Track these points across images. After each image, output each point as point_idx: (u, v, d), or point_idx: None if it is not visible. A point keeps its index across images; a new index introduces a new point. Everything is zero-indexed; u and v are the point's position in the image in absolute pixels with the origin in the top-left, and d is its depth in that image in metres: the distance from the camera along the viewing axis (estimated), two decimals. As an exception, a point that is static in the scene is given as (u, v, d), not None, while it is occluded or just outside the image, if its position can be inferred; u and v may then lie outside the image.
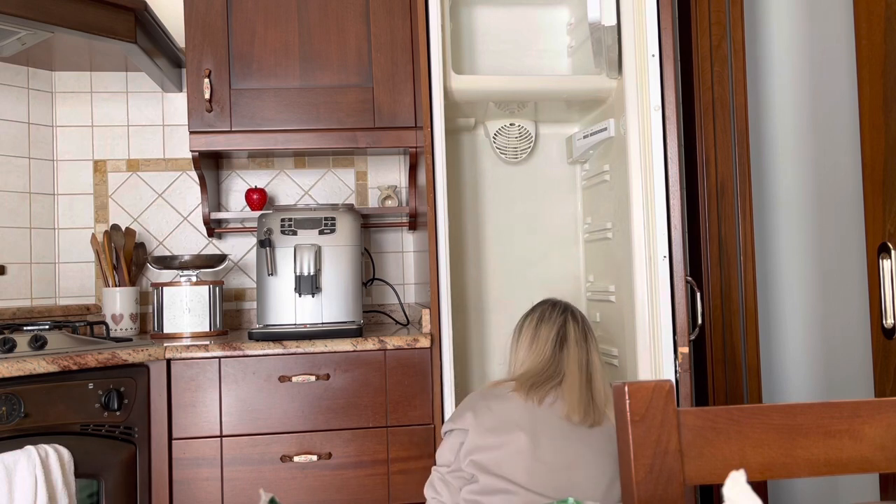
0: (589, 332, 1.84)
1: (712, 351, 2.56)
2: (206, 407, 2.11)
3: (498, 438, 1.65)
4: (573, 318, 1.84)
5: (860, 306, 2.10)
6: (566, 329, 1.82)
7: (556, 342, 1.80)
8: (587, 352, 1.80)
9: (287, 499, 2.10)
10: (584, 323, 1.86)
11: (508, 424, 1.67)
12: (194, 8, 2.41)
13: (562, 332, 1.81)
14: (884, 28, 1.53)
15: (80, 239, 2.74)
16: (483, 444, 1.66)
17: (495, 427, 1.67)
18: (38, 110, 2.69)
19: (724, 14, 2.55)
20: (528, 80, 2.40)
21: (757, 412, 0.90)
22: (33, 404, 1.85)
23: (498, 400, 1.72)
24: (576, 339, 1.80)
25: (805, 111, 2.36)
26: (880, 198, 1.55)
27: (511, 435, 1.65)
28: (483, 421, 1.68)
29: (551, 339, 1.80)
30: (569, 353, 1.79)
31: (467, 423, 1.70)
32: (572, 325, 1.82)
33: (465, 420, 1.71)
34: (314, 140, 2.44)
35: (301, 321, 2.29)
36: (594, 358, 1.81)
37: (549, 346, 1.79)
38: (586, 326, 1.85)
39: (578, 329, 1.82)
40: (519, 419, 1.68)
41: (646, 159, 2.06)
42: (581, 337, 1.81)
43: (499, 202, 2.70)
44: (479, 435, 1.67)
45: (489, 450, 1.65)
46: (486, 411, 1.70)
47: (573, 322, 1.83)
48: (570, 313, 1.86)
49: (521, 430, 1.65)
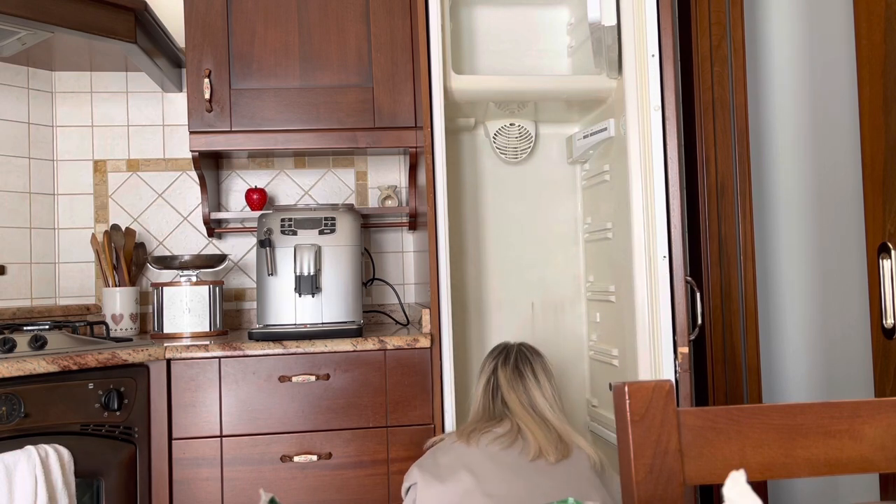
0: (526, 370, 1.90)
1: (712, 351, 2.56)
2: (206, 407, 2.11)
3: (443, 484, 1.71)
4: (504, 362, 1.92)
5: (860, 306, 2.10)
6: (496, 376, 1.91)
7: (489, 391, 1.91)
8: (525, 392, 1.87)
9: (287, 499, 2.10)
10: (520, 363, 1.91)
11: (452, 469, 1.73)
12: (194, 8, 2.41)
13: (491, 380, 1.92)
14: (884, 28, 1.53)
15: (80, 239, 2.74)
16: (432, 492, 1.72)
17: (440, 474, 1.73)
18: (38, 110, 2.69)
19: (724, 14, 2.55)
20: (528, 80, 2.40)
21: (757, 412, 0.90)
22: (33, 404, 1.85)
23: (442, 452, 1.81)
24: (508, 384, 1.89)
25: (805, 111, 2.36)
26: (880, 198, 1.55)
27: (455, 476, 1.71)
28: (429, 471, 1.75)
29: (482, 389, 1.93)
30: (506, 398, 1.87)
31: (415, 478, 1.78)
32: (501, 371, 1.91)
33: (413, 475, 1.79)
34: (314, 140, 2.44)
35: (301, 321, 2.29)
36: (535, 395, 1.86)
37: (481, 396, 1.92)
38: (522, 366, 1.90)
39: (509, 372, 1.90)
40: (461, 462, 1.74)
41: (646, 159, 2.06)
42: (513, 379, 1.88)
43: (499, 202, 2.70)
44: (427, 485, 1.73)
45: (438, 496, 1.71)
46: (431, 464, 1.78)
47: (503, 367, 1.91)
48: (504, 358, 1.93)
49: (465, 471, 1.71)
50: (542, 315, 2.69)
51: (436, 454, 1.81)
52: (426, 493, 1.72)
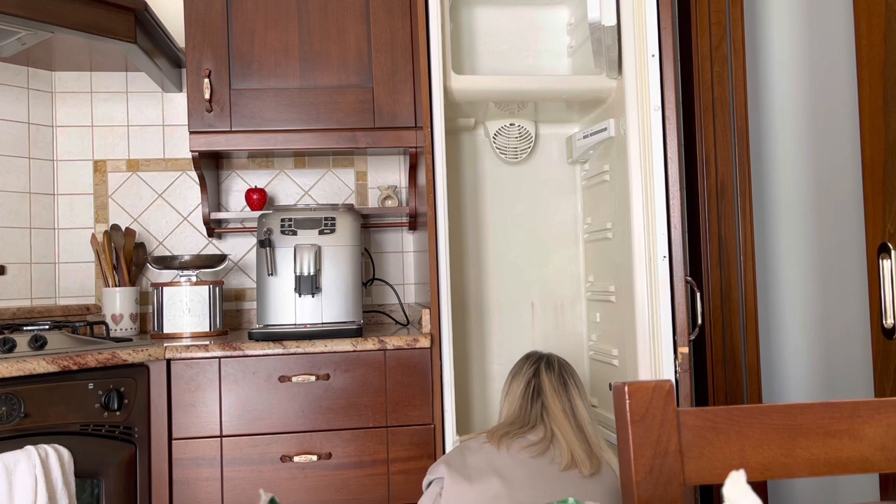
0: (570, 379, 1.86)
1: (712, 351, 2.56)
2: (206, 407, 2.11)
3: (472, 485, 1.68)
4: (548, 367, 1.88)
5: (860, 306, 2.10)
6: (539, 379, 1.86)
7: (528, 394, 1.85)
8: (569, 399, 1.83)
9: (287, 499, 2.10)
10: (564, 371, 1.88)
11: (481, 471, 1.70)
12: (194, 8, 2.41)
13: (534, 382, 1.86)
14: (884, 28, 1.53)
15: (80, 239, 2.74)
16: (458, 490, 1.69)
17: (469, 475, 1.70)
18: (38, 110, 2.69)
19: (724, 14, 2.55)
20: (528, 80, 2.40)
21: (757, 412, 0.90)
22: (33, 404, 1.85)
23: (472, 451, 1.76)
24: (553, 389, 1.84)
25: (805, 111, 2.36)
26: (880, 198, 1.55)
27: (485, 480, 1.67)
28: (457, 470, 1.72)
29: (520, 391, 1.86)
30: (547, 402, 1.82)
31: (442, 472, 1.74)
32: (546, 376, 1.86)
33: (439, 470, 1.76)
34: (314, 140, 2.44)
35: (301, 321, 2.29)
36: (578, 404, 1.83)
37: (518, 398, 1.86)
38: (566, 374, 1.87)
39: (554, 377, 1.86)
40: (492, 465, 1.70)
41: (646, 159, 2.06)
42: (559, 385, 1.85)
43: (499, 202, 2.70)
44: (454, 482, 1.70)
45: (465, 496, 1.68)
46: (460, 462, 1.74)
47: (547, 372, 1.87)
48: (545, 363, 1.89)
49: (495, 475, 1.68)
50: (541, 315, 2.69)
51: (464, 453, 1.77)
52: (452, 490, 1.68)
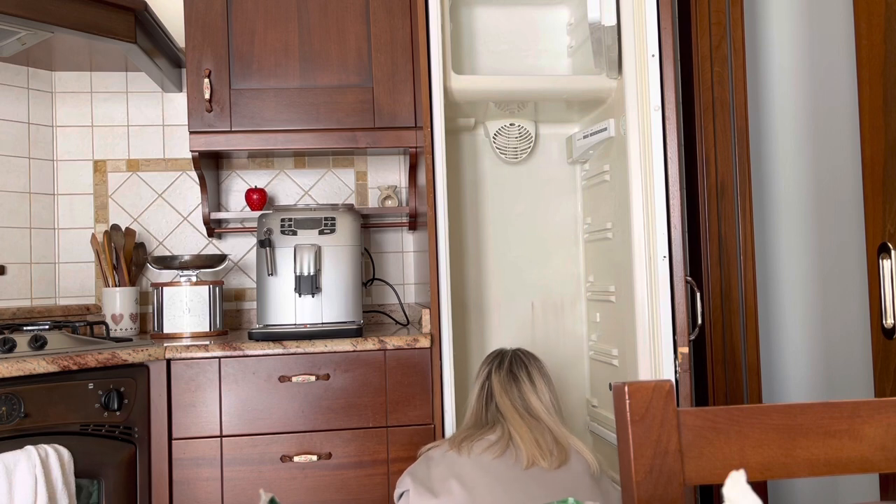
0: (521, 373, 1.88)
1: (712, 351, 2.56)
2: (206, 407, 2.11)
3: (436, 498, 1.69)
4: (498, 367, 1.90)
5: (860, 306, 2.10)
6: (489, 382, 1.90)
7: (483, 397, 1.89)
8: (519, 395, 1.85)
9: (287, 499, 2.10)
10: (514, 367, 1.89)
11: (443, 479, 1.71)
12: (194, 8, 2.41)
13: (486, 385, 1.90)
14: (884, 28, 1.53)
15: (80, 239, 2.74)
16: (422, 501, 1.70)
17: (432, 486, 1.72)
18: (38, 110, 2.69)
19: (724, 14, 2.55)
20: (528, 80, 2.40)
21: (757, 412, 0.90)
22: (33, 404, 1.85)
23: (435, 462, 1.78)
24: (502, 388, 1.87)
25: (805, 111, 2.36)
26: (880, 198, 1.55)
27: (446, 489, 1.69)
28: (421, 482, 1.74)
29: (476, 395, 1.91)
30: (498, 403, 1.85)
31: (408, 485, 1.77)
32: (495, 376, 1.89)
33: (405, 483, 1.79)
34: (314, 140, 2.44)
35: (301, 321, 2.29)
36: (529, 398, 1.84)
37: (475, 401, 1.91)
38: (516, 369, 1.89)
39: (503, 375, 1.88)
40: (453, 473, 1.72)
41: (646, 159, 2.06)
42: (507, 382, 1.87)
43: (499, 202, 2.70)
44: (418, 495, 1.72)
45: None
46: (424, 474, 1.77)
47: (497, 372, 1.90)
48: (497, 363, 1.92)
49: (456, 481, 1.69)
50: (541, 315, 2.69)
51: (429, 463, 1.79)
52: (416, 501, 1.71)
